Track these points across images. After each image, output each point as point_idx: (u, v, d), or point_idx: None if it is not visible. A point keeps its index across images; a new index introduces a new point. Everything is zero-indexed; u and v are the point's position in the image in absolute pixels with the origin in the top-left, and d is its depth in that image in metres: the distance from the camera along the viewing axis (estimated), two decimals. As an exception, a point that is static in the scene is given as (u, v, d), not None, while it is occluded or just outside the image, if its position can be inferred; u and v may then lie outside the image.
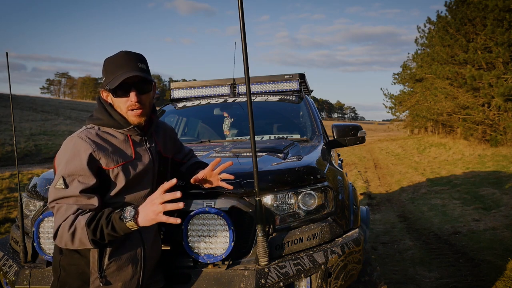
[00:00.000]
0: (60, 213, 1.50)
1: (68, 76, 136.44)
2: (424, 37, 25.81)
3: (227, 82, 4.22)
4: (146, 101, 1.66)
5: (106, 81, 1.62)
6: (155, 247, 1.75)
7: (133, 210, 1.44)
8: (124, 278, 1.59)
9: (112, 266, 1.57)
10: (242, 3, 1.66)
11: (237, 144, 3.00)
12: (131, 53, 1.64)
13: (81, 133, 1.61)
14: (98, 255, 1.55)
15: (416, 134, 40.48)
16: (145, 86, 1.64)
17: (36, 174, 12.53)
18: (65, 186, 1.50)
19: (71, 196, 1.50)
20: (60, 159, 1.58)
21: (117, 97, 1.62)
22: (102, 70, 1.65)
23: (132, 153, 1.65)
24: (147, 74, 1.65)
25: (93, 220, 1.45)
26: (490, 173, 11.51)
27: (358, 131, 3.22)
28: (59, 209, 1.51)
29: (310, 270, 1.82)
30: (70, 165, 1.53)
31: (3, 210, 7.55)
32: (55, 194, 1.52)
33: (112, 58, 1.63)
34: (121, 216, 1.43)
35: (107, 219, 1.44)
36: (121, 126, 1.64)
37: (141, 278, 1.64)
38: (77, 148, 1.55)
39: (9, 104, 10.60)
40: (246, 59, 1.69)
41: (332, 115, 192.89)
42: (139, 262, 1.63)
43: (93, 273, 1.56)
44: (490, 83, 16.80)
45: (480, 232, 5.52)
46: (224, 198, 1.90)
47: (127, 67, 1.59)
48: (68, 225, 1.46)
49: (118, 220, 1.43)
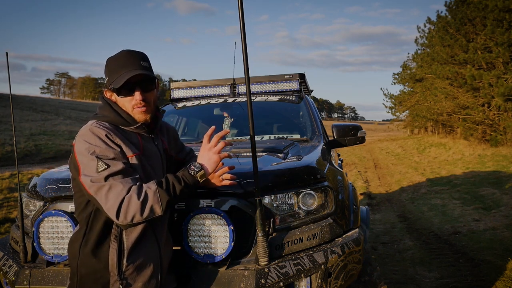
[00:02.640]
0: (116, 190, 1.45)
1: (68, 76, 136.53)
2: (424, 37, 25.81)
3: (227, 82, 4.22)
4: (151, 99, 1.67)
5: (109, 81, 1.62)
6: (168, 246, 1.75)
7: (197, 164, 1.60)
8: (144, 278, 1.59)
9: (130, 268, 1.56)
10: (242, 3, 1.66)
11: (237, 144, 3.00)
12: (133, 52, 1.64)
13: (92, 124, 1.58)
14: (116, 257, 1.54)
15: (416, 134, 40.49)
16: (149, 84, 1.65)
17: (36, 174, 12.53)
18: (107, 166, 1.47)
19: (117, 171, 1.48)
20: (83, 149, 1.52)
21: (121, 96, 1.63)
22: (105, 70, 1.65)
23: (141, 148, 1.65)
24: (150, 72, 1.65)
25: (161, 183, 1.50)
26: (490, 173, 11.51)
27: (358, 131, 3.22)
28: (112, 187, 1.45)
29: (310, 270, 1.82)
30: (100, 149, 1.50)
31: (3, 210, 7.55)
32: (100, 176, 1.46)
33: (115, 57, 1.63)
34: (189, 172, 1.57)
35: (176, 178, 1.54)
36: (129, 123, 1.64)
37: (159, 278, 1.63)
38: (97, 134, 1.53)
39: (9, 104, 10.60)
40: (246, 59, 1.69)
41: (332, 115, 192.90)
42: (157, 261, 1.63)
43: (112, 276, 1.55)
44: (490, 83, 16.81)
45: (480, 232, 5.52)
46: (224, 198, 1.90)
47: (130, 66, 1.59)
48: (135, 195, 1.44)
49: (189, 175, 1.56)
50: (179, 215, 1.90)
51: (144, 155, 1.64)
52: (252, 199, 1.86)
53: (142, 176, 1.59)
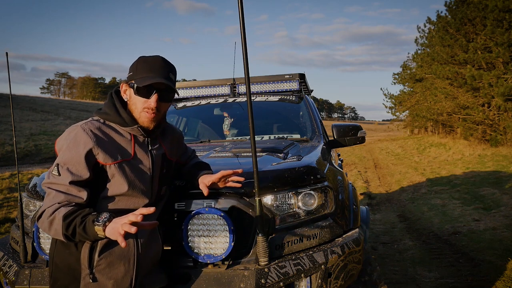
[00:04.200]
0: (48, 198, 1.53)
1: (68, 76, 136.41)
2: (424, 37, 25.84)
3: (227, 82, 4.23)
4: (163, 109, 1.71)
5: (133, 77, 1.66)
6: (152, 246, 1.71)
7: (107, 217, 1.42)
8: (115, 275, 1.58)
9: (102, 263, 1.56)
10: (242, 3, 1.66)
11: (237, 144, 3.00)
12: (166, 61, 1.70)
13: (84, 124, 1.63)
14: (88, 251, 1.56)
15: (416, 134, 40.49)
16: (168, 95, 1.69)
17: (36, 174, 12.54)
18: (58, 174, 1.54)
19: (61, 184, 1.53)
20: (60, 145, 1.62)
21: (138, 95, 1.65)
22: (133, 65, 1.68)
23: (132, 152, 1.66)
24: (174, 85, 1.70)
25: (71, 215, 1.46)
26: (490, 173, 11.52)
27: (358, 131, 3.22)
28: (48, 194, 1.54)
29: (310, 270, 1.82)
30: (67, 155, 1.56)
31: (3, 210, 7.55)
32: (49, 179, 1.56)
33: (148, 58, 1.68)
34: (94, 219, 1.41)
35: (82, 218, 1.44)
36: (126, 124, 1.66)
37: (134, 277, 1.61)
38: (77, 139, 1.57)
39: (9, 104, 10.60)
40: (246, 59, 1.69)
41: (332, 115, 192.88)
42: (132, 260, 1.61)
43: (84, 269, 1.57)
44: (490, 83, 16.81)
45: (480, 232, 5.52)
46: (224, 198, 1.90)
47: (158, 73, 1.64)
48: (49, 212, 1.49)
49: (91, 223, 1.41)
50: (179, 215, 1.90)
51: (133, 160, 1.65)
52: (252, 199, 1.86)
53: (127, 181, 1.60)
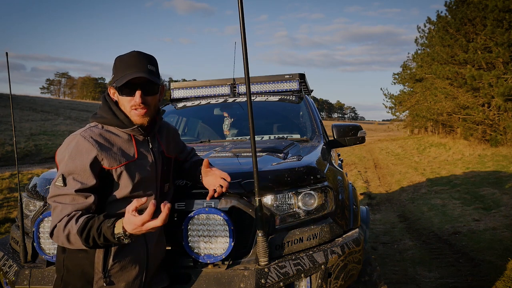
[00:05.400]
0: (56, 213, 1.51)
1: (68, 76, 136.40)
2: (424, 37, 25.83)
3: (227, 82, 4.23)
4: (151, 103, 1.67)
5: (114, 79, 1.64)
6: (159, 247, 1.75)
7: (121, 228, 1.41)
8: (128, 278, 1.60)
9: (116, 267, 1.57)
10: (242, 3, 1.66)
11: (237, 144, 3.00)
12: (142, 54, 1.65)
13: (84, 132, 1.61)
14: (103, 255, 1.56)
15: (416, 134, 40.49)
16: (151, 87, 1.65)
17: (36, 174, 12.53)
18: (64, 184, 1.51)
19: (67, 194, 1.50)
20: (61, 156, 1.58)
21: (122, 96, 1.63)
22: (112, 67, 1.67)
23: (135, 153, 1.66)
24: (156, 76, 1.65)
25: (84, 229, 1.43)
26: (490, 173, 11.52)
27: (358, 131, 3.22)
28: (55, 208, 1.51)
29: (310, 270, 1.82)
30: (71, 164, 1.53)
31: (3, 210, 7.55)
32: (53, 191, 1.53)
33: (123, 56, 1.65)
34: (112, 232, 1.41)
35: (98, 231, 1.42)
36: (125, 125, 1.65)
37: (143, 279, 1.64)
38: (80, 148, 1.55)
39: (9, 104, 10.59)
40: (246, 59, 1.69)
41: (332, 115, 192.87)
42: (143, 262, 1.64)
43: (97, 273, 1.57)
44: (490, 83, 16.81)
45: (480, 232, 5.52)
46: (224, 198, 1.90)
47: (135, 68, 1.60)
48: (62, 227, 1.47)
49: (110, 236, 1.41)
50: (179, 215, 1.90)
51: (137, 160, 1.65)
52: (252, 199, 1.86)
53: (134, 181, 1.60)
